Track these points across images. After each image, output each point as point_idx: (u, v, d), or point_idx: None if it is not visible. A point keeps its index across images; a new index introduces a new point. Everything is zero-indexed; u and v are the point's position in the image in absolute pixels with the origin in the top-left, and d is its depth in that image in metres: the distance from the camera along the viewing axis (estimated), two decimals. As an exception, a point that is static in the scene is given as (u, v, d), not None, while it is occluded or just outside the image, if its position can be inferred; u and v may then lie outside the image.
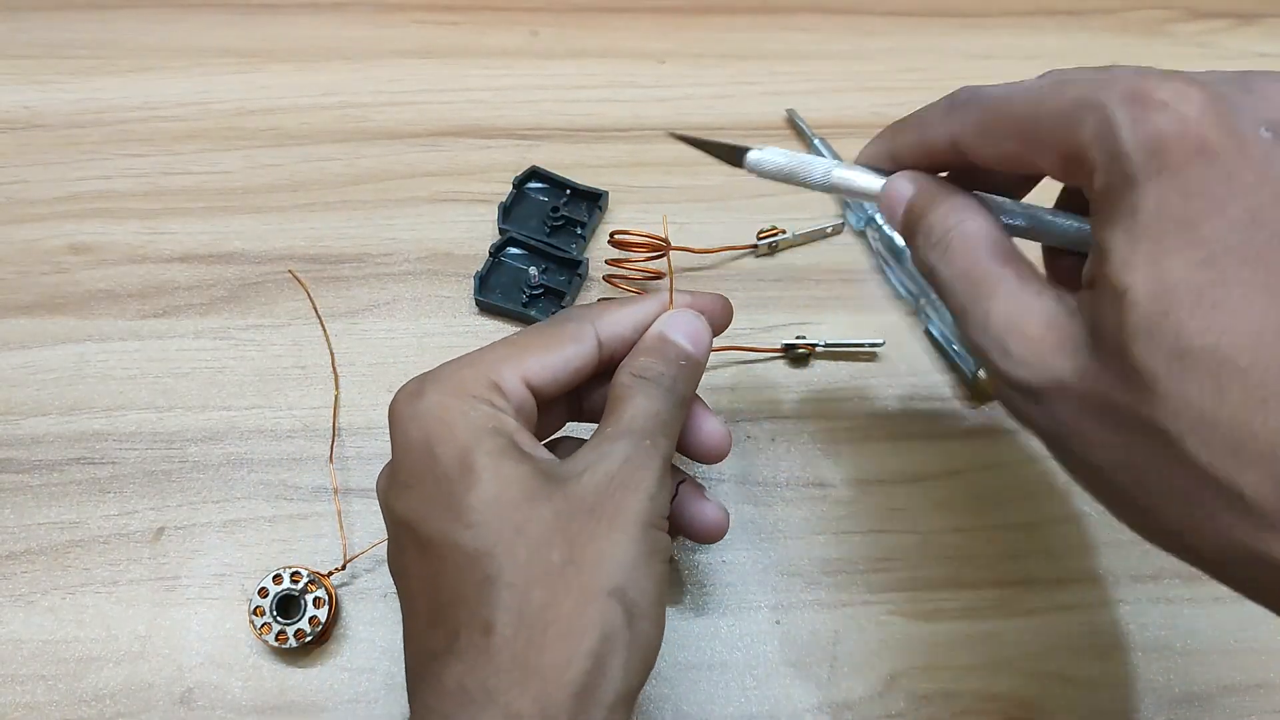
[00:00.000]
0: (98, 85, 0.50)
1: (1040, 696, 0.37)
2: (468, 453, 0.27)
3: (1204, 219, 0.22)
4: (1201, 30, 0.56)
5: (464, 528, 0.26)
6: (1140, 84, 0.23)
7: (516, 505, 0.27)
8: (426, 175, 0.48)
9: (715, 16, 0.55)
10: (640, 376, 0.30)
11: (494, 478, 0.27)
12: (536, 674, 0.25)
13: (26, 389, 0.41)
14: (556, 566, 0.26)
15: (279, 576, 0.36)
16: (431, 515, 0.27)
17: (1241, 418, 0.21)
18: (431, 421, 0.28)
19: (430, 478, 0.27)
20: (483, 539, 0.26)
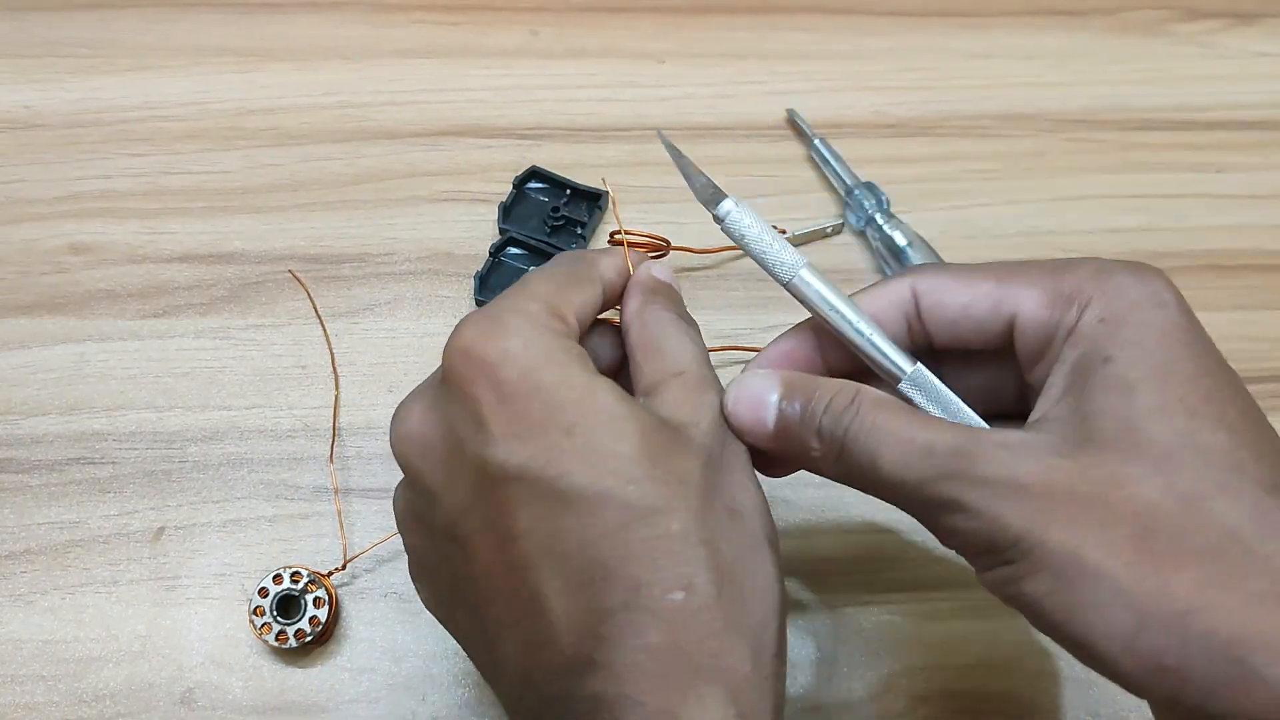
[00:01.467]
0: (98, 85, 0.50)
1: (1040, 696, 0.37)
2: (591, 399, 0.25)
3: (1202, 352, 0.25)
4: (1201, 30, 0.56)
5: (625, 482, 0.24)
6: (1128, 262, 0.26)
7: (669, 455, 0.25)
8: (426, 175, 0.48)
9: (715, 16, 0.55)
10: (669, 312, 0.29)
11: (636, 426, 0.25)
12: (748, 633, 0.24)
13: (26, 389, 0.41)
14: (726, 520, 0.25)
15: (279, 576, 0.36)
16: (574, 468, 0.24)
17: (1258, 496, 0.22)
18: (537, 361, 0.25)
19: (557, 426, 0.24)
20: (651, 494, 0.24)
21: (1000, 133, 0.51)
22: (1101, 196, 0.50)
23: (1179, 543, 0.22)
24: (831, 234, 0.47)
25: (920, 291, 0.29)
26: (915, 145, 0.51)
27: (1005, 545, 0.23)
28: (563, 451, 0.24)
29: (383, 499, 0.39)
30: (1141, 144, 0.52)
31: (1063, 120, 0.52)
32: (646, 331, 0.29)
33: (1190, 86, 0.54)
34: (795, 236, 0.46)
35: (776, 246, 0.31)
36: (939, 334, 0.29)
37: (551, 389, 0.25)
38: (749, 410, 0.27)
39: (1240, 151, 0.52)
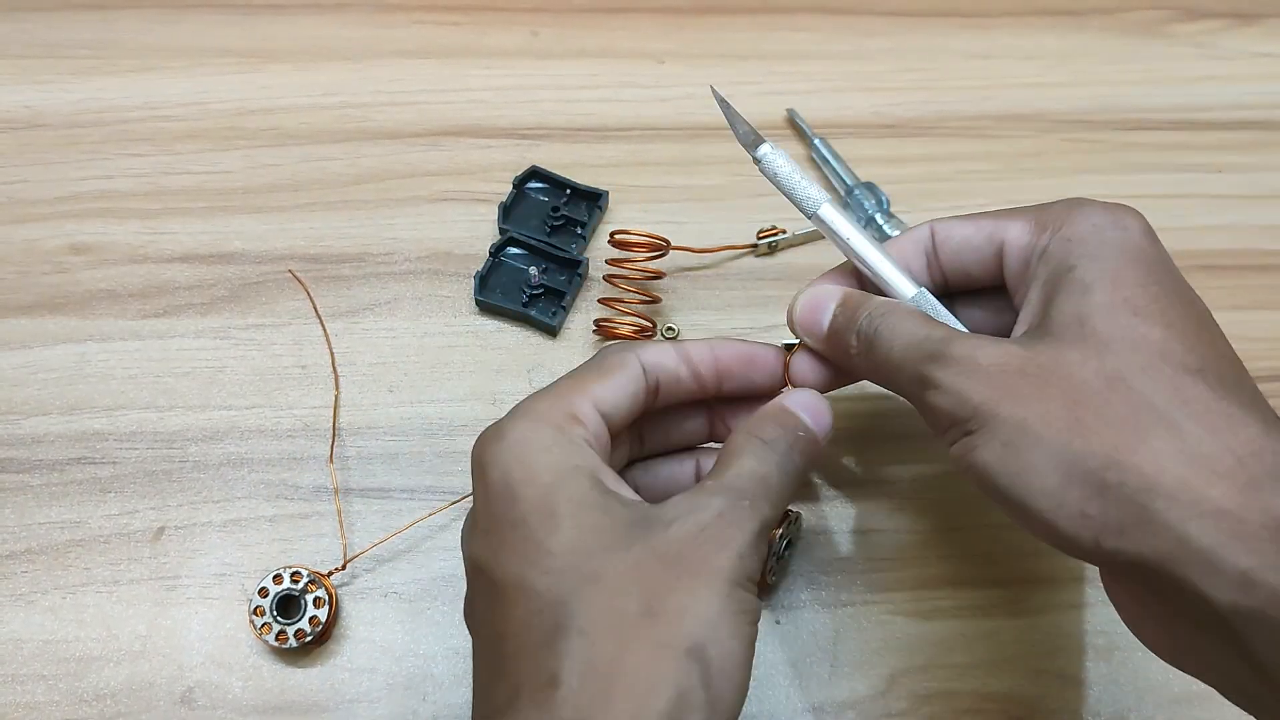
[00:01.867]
0: (98, 85, 0.50)
1: (1040, 696, 0.37)
2: (550, 494, 0.26)
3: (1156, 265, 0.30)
4: (1200, 30, 0.56)
5: (540, 573, 0.25)
6: (1103, 201, 0.31)
7: (595, 552, 0.26)
8: (427, 175, 0.48)
9: (715, 16, 0.55)
10: (754, 435, 0.30)
11: (575, 523, 0.26)
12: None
13: (27, 389, 0.41)
14: (632, 617, 0.25)
15: (279, 576, 0.36)
16: (508, 560, 0.26)
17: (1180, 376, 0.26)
18: (512, 463, 0.27)
19: (508, 521, 0.27)
20: (558, 585, 0.25)
21: (1000, 133, 0.52)
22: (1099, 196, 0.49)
23: (1102, 413, 0.26)
24: (831, 234, 0.47)
25: (936, 229, 0.33)
26: (915, 145, 0.51)
27: (966, 416, 0.27)
28: (505, 544, 0.27)
29: (383, 499, 0.39)
30: (1141, 144, 0.52)
31: (1062, 120, 0.52)
32: (734, 439, 0.30)
33: (1190, 86, 0.54)
34: (795, 237, 0.46)
35: (804, 185, 0.34)
36: (949, 265, 0.33)
37: (517, 487, 0.27)
38: (811, 311, 0.33)
39: (1239, 151, 0.52)
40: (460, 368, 0.43)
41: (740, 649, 0.26)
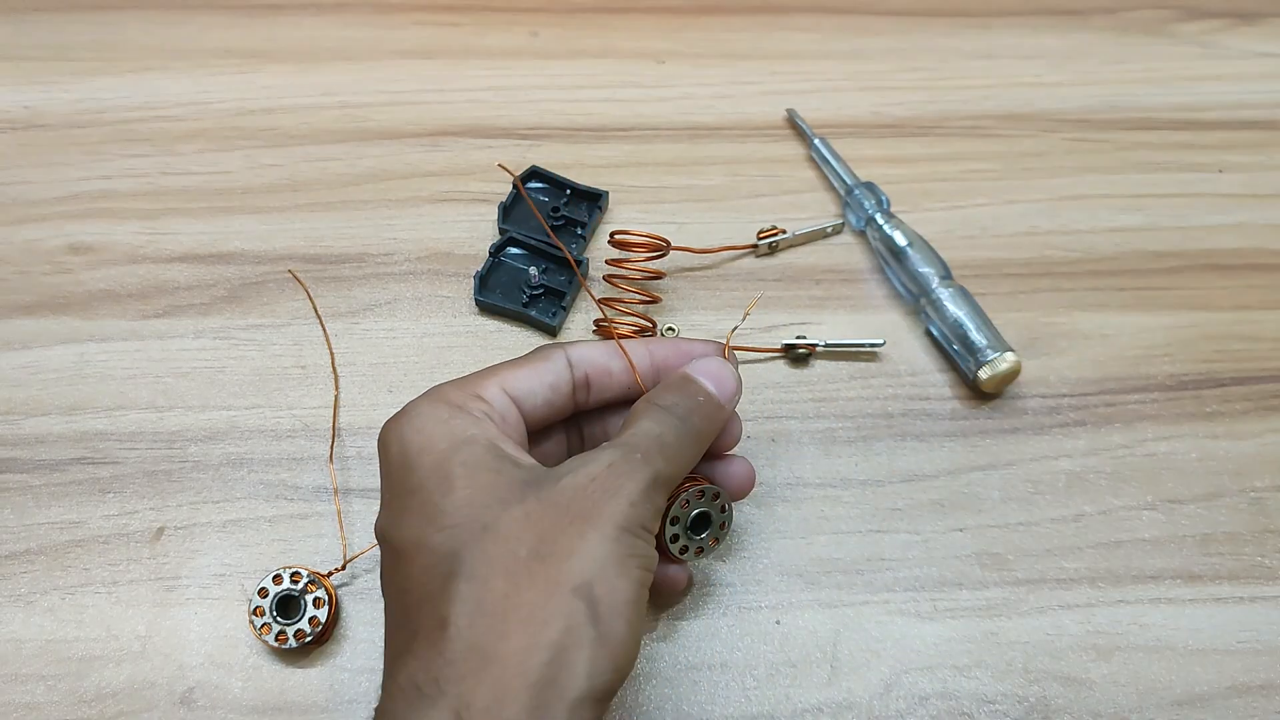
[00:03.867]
0: (99, 85, 0.50)
1: (1040, 696, 0.37)
2: (445, 460, 0.28)
3: None
4: (1201, 30, 0.56)
5: (435, 530, 0.27)
6: None
7: (488, 505, 0.27)
8: (427, 175, 0.48)
9: (715, 16, 0.55)
10: (653, 402, 0.31)
11: (469, 482, 0.27)
12: (494, 662, 0.25)
13: (27, 389, 0.41)
14: (522, 560, 0.26)
15: (279, 576, 0.36)
16: (407, 524, 0.27)
17: None
18: (412, 435, 0.29)
19: (406, 489, 0.28)
20: (452, 539, 0.26)
21: (1000, 133, 0.51)
22: (1101, 196, 0.50)
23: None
24: (831, 234, 0.47)
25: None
26: (915, 145, 0.51)
27: None
28: (405, 510, 0.28)
29: (383, 499, 0.39)
30: (1142, 144, 0.52)
31: (1063, 120, 0.52)
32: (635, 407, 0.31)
33: (1190, 86, 0.54)
34: (795, 237, 0.46)
35: None
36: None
37: (413, 458, 0.28)
38: None
39: (1241, 151, 0.52)
40: (460, 368, 0.43)
41: (629, 588, 0.26)
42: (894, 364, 0.44)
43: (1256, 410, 0.43)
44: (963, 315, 0.42)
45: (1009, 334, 0.43)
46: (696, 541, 0.35)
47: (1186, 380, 0.44)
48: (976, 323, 0.42)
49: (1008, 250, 0.47)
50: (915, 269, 0.44)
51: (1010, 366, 0.41)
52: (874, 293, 0.46)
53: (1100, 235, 0.48)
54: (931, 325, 0.44)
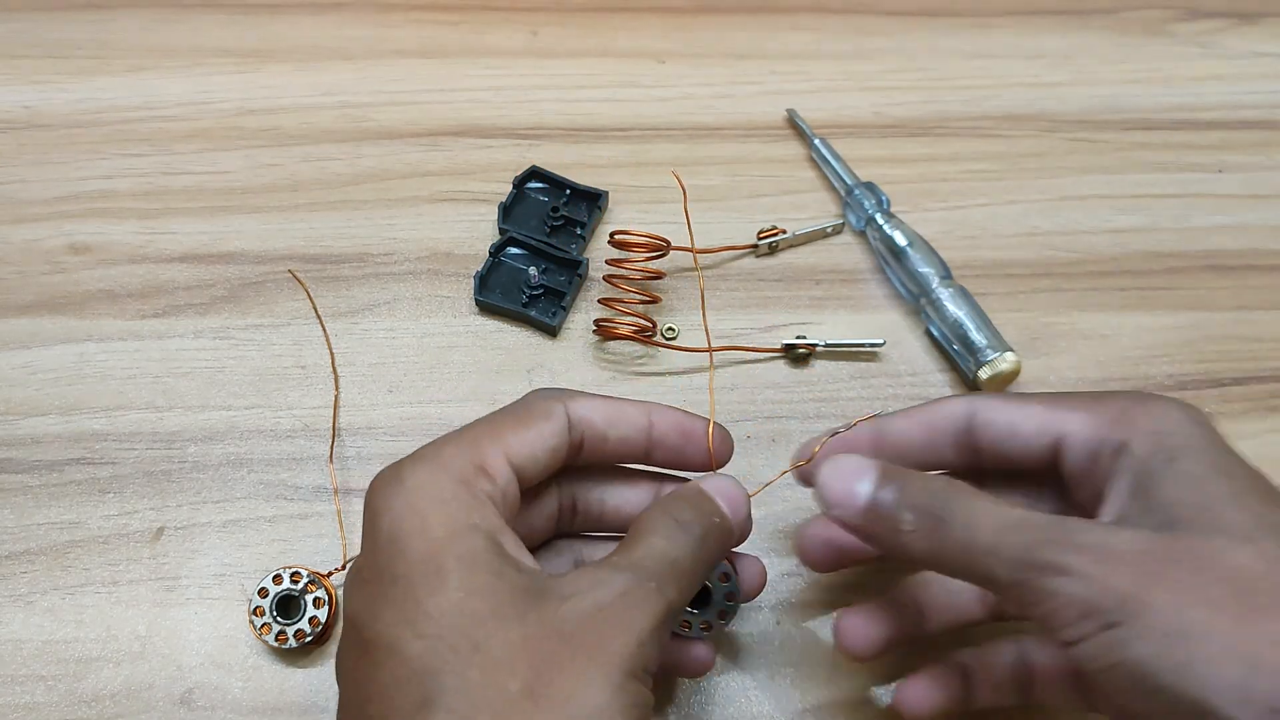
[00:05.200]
0: (98, 85, 0.50)
1: (1041, 697, 0.37)
2: (439, 551, 0.25)
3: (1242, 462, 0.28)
4: (1202, 30, 0.56)
5: (414, 636, 0.23)
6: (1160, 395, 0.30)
7: (481, 620, 0.24)
8: (426, 175, 0.48)
9: (715, 16, 0.55)
10: (669, 514, 0.28)
11: (462, 584, 0.24)
12: None
13: (26, 389, 0.41)
14: (511, 696, 0.23)
15: (279, 577, 0.36)
16: (383, 616, 0.24)
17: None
18: (405, 511, 0.25)
19: (390, 575, 0.25)
20: (432, 653, 0.23)
21: (1000, 133, 0.51)
22: (1101, 196, 0.50)
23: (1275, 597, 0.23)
24: (831, 234, 0.47)
25: (977, 410, 0.31)
26: (915, 145, 0.51)
27: (1110, 607, 0.24)
28: (384, 599, 0.24)
29: (382, 499, 0.39)
30: (1142, 144, 0.52)
31: (1063, 120, 0.52)
32: (636, 523, 0.29)
33: (1190, 86, 0.54)
34: (795, 237, 0.46)
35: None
36: (988, 449, 0.31)
37: (405, 539, 0.25)
38: (843, 489, 0.29)
39: (1241, 151, 0.52)
40: (460, 368, 0.43)
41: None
42: (894, 364, 0.44)
43: (1256, 410, 0.43)
44: (963, 315, 0.42)
45: (1009, 334, 0.43)
46: (699, 618, 0.32)
47: (1186, 380, 0.44)
48: (976, 323, 0.42)
49: (1008, 250, 0.47)
50: (915, 269, 0.44)
51: (1010, 366, 0.41)
52: (874, 293, 0.46)
53: (1100, 235, 0.48)
54: (931, 325, 0.44)
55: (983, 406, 0.31)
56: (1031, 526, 0.26)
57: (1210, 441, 0.28)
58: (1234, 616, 0.23)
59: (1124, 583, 0.24)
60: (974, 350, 0.42)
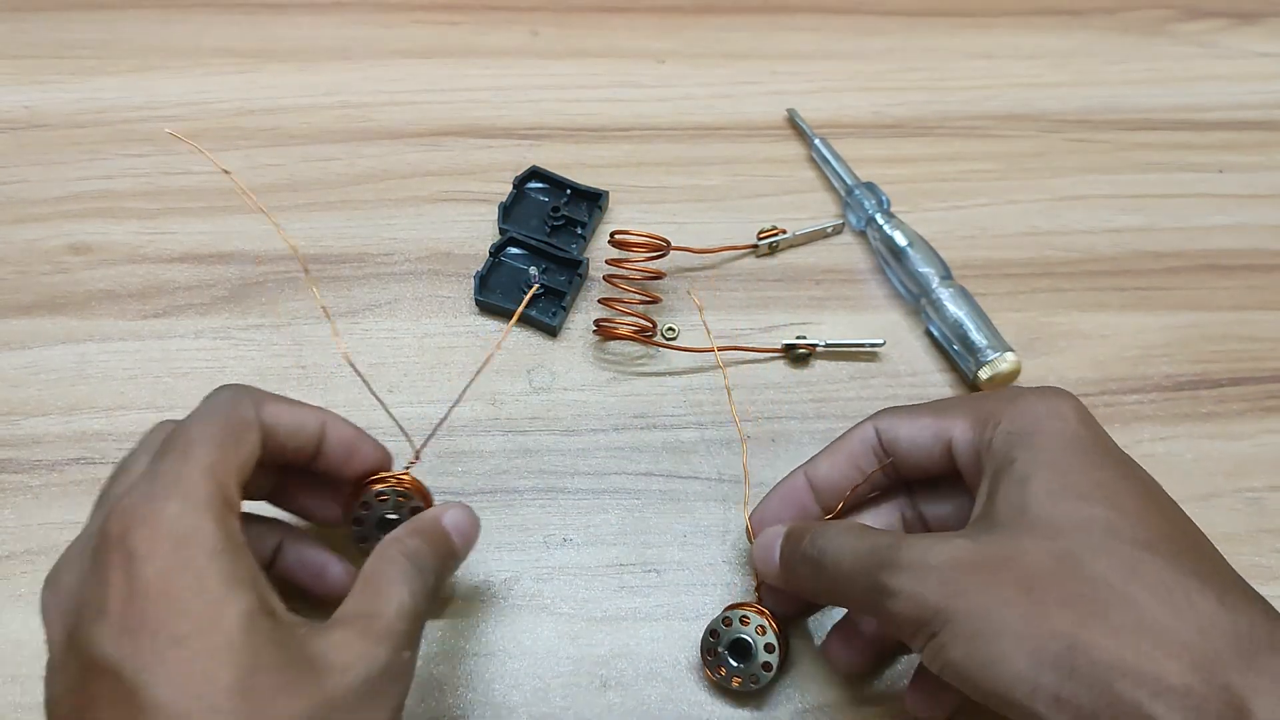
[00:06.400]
0: (98, 85, 0.50)
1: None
2: (221, 616, 0.24)
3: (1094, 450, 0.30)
4: (1201, 30, 0.56)
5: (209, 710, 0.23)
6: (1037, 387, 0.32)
7: (269, 696, 0.24)
8: (427, 175, 0.48)
9: (715, 16, 0.55)
10: (409, 560, 0.29)
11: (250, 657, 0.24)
12: None
13: (27, 389, 0.41)
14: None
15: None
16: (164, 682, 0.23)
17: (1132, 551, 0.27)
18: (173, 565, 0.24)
19: (167, 635, 0.24)
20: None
21: (1000, 133, 0.51)
22: (1101, 196, 0.50)
23: (1059, 594, 0.26)
24: (832, 234, 0.47)
25: (880, 428, 0.34)
26: (915, 145, 0.51)
27: (928, 618, 0.27)
28: (162, 661, 0.23)
29: (383, 499, 0.39)
30: (1141, 144, 0.52)
31: (1063, 120, 0.52)
32: (375, 563, 0.29)
33: (1190, 86, 0.54)
34: (795, 237, 0.46)
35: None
36: (901, 463, 0.34)
37: (179, 594, 0.24)
38: (764, 553, 0.33)
39: (1240, 151, 0.52)
40: (460, 368, 0.43)
41: None
42: (894, 364, 0.44)
43: (1253, 410, 0.43)
44: (963, 315, 0.42)
45: (1009, 334, 0.43)
46: (745, 672, 0.35)
47: (1184, 381, 0.44)
48: (976, 323, 0.42)
49: (1008, 250, 0.47)
50: (915, 269, 0.44)
51: (1010, 366, 0.41)
52: (874, 293, 0.46)
53: (1100, 235, 0.48)
54: (931, 325, 0.44)
55: (885, 425, 0.34)
56: (871, 552, 0.29)
57: (1058, 437, 0.29)
58: (1022, 614, 0.26)
59: (935, 595, 0.27)
60: (974, 350, 0.42)
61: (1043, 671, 0.25)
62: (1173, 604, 0.25)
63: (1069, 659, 0.25)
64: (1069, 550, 0.26)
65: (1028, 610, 0.26)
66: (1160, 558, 0.26)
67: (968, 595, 0.27)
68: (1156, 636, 0.25)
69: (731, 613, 0.36)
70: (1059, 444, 0.29)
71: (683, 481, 0.40)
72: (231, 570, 0.25)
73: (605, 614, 0.38)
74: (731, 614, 0.36)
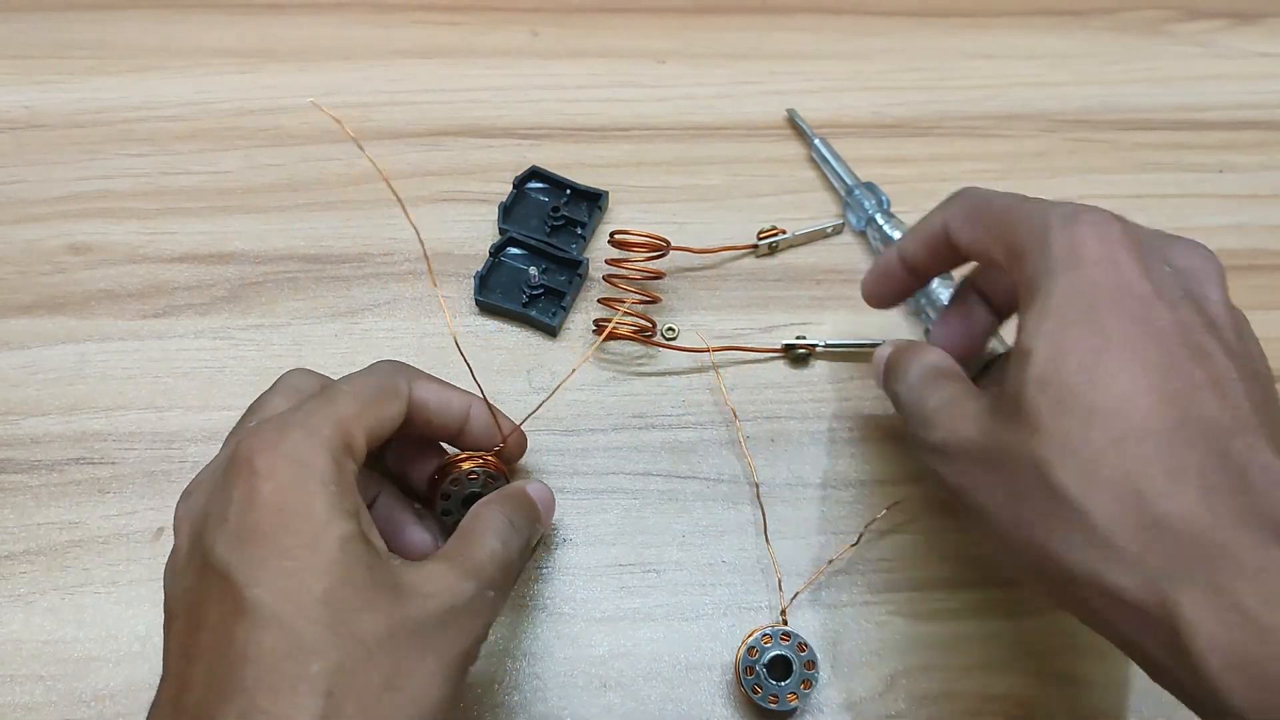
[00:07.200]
0: (98, 85, 0.50)
1: (1040, 696, 0.37)
2: (322, 535, 0.26)
3: (1102, 310, 0.27)
4: (1201, 30, 0.56)
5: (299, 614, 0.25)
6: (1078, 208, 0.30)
7: (355, 610, 0.26)
8: (426, 175, 0.48)
9: (715, 16, 0.55)
10: (506, 516, 0.32)
11: (342, 570, 0.26)
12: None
13: (26, 389, 0.41)
14: (375, 688, 0.25)
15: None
16: (268, 583, 0.25)
17: (1099, 453, 0.26)
18: (288, 485, 0.27)
19: (276, 545, 0.26)
20: (314, 635, 0.25)
21: (1000, 133, 0.51)
22: (1101, 196, 0.49)
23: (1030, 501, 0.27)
24: (832, 234, 0.47)
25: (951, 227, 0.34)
26: (916, 145, 0.51)
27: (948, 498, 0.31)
28: (265, 568, 0.26)
29: (382, 499, 0.39)
30: (1142, 144, 0.52)
31: (1063, 120, 0.52)
32: (470, 520, 0.32)
33: (1190, 86, 0.54)
34: (795, 237, 0.46)
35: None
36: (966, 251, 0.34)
37: (292, 514, 0.26)
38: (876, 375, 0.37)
39: (1241, 151, 0.52)
40: (460, 368, 0.43)
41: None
42: (894, 364, 0.44)
43: (1256, 410, 0.43)
44: (963, 315, 0.42)
45: (1009, 333, 0.43)
46: (785, 689, 0.35)
47: (1186, 380, 0.44)
48: (976, 323, 0.42)
49: (1008, 250, 0.47)
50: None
51: (1010, 367, 0.41)
52: (874, 293, 0.46)
53: (1100, 235, 0.48)
54: (931, 325, 0.44)
55: (953, 225, 0.34)
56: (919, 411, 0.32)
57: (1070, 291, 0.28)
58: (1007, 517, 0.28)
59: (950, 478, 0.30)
60: (974, 350, 0.42)
61: (1022, 569, 0.29)
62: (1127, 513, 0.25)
63: (1040, 565, 0.27)
64: (1043, 458, 0.27)
65: (1013, 516, 0.28)
66: (1131, 455, 0.26)
67: (974, 490, 0.29)
68: (1110, 551, 0.25)
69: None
70: (1067, 305, 0.28)
71: (682, 481, 0.40)
72: (338, 499, 0.27)
73: (605, 614, 0.38)
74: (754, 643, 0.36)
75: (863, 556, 0.39)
